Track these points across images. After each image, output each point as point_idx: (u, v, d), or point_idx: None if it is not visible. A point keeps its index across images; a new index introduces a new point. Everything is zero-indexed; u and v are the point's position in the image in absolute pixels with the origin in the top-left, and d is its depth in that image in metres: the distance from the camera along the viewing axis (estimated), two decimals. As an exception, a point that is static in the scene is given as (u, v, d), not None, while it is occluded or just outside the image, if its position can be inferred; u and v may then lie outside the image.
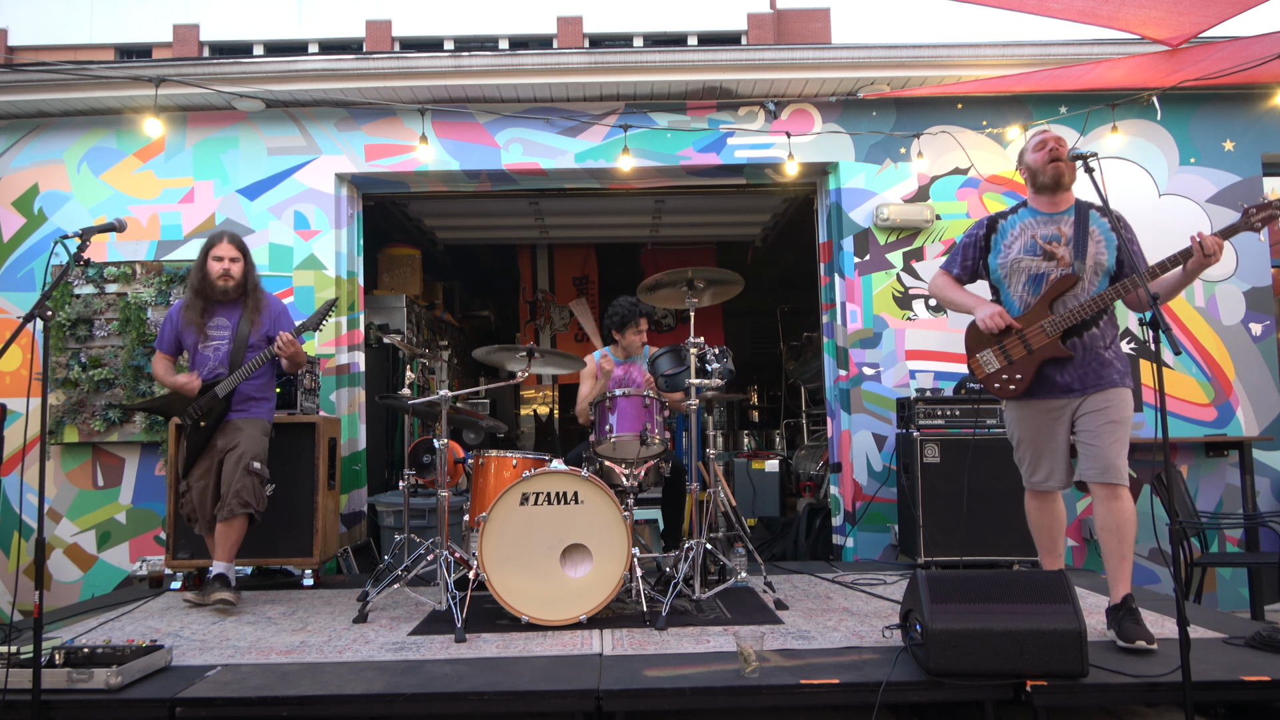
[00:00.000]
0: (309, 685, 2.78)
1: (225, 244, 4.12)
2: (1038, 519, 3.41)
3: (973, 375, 3.37)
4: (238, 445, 4.00)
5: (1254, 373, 5.41)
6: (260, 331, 4.14)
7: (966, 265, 3.45)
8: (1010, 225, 3.35)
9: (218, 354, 4.10)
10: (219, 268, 4.09)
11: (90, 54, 15.53)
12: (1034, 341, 3.19)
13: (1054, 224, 3.27)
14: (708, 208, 7.93)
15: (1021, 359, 3.21)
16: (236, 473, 3.95)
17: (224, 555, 3.99)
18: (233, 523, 3.95)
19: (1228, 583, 5.22)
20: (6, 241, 5.52)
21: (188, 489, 4.07)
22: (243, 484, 3.94)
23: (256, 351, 4.07)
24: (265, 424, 4.17)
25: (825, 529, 5.80)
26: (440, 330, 9.02)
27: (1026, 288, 3.26)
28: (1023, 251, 3.27)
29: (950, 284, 3.48)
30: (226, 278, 4.09)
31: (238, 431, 4.04)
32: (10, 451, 5.23)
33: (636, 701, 2.70)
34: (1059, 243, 3.23)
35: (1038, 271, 3.24)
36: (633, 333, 4.85)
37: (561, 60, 5.38)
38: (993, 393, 3.31)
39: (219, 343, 4.11)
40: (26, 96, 5.37)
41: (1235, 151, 5.54)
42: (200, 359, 4.11)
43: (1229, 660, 2.90)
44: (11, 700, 2.58)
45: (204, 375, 4.05)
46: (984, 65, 5.31)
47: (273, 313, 4.22)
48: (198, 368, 4.10)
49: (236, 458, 3.98)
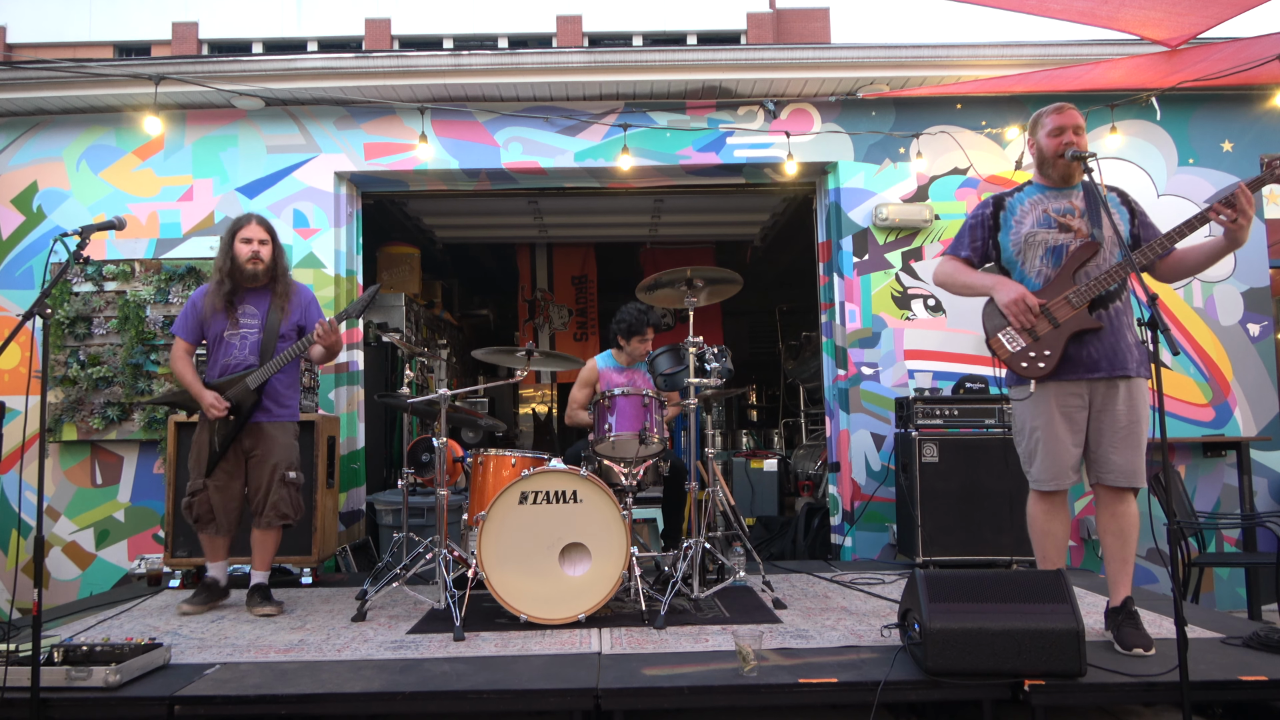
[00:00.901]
0: (308, 683, 2.78)
1: (254, 225, 3.91)
2: (1045, 524, 3.19)
3: (994, 354, 3.15)
4: (271, 454, 3.88)
5: (1252, 373, 5.41)
6: (290, 320, 3.95)
7: (976, 247, 3.28)
8: (1019, 202, 3.23)
9: (245, 343, 3.88)
10: (248, 250, 3.87)
11: (89, 52, 15.49)
12: (1060, 314, 3.04)
13: (1065, 198, 3.17)
14: (707, 207, 7.93)
15: (1048, 334, 3.04)
16: (273, 484, 3.86)
17: (263, 565, 3.94)
18: (270, 533, 3.92)
19: (1225, 583, 5.23)
20: (5, 239, 5.51)
21: (203, 488, 3.86)
22: (279, 496, 3.86)
23: (288, 342, 3.90)
24: (295, 427, 4.04)
25: (824, 528, 5.80)
26: (439, 329, 9.02)
27: (1045, 260, 3.13)
28: (1036, 225, 3.15)
29: (961, 268, 3.28)
30: (256, 260, 3.88)
31: (269, 439, 3.89)
32: (9, 449, 5.23)
33: (635, 700, 2.70)
34: (1073, 215, 3.13)
35: (1055, 243, 3.12)
36: (639, 341, 4.84)
37: (561, 59, 5.38)
38: (1019, 373, 3.10)
39: (247, 331, 3.89)
40: (26, 94, 5.36)
41: (1234, 152, 5.54)
42: (226, 348, 3.89)
43: (1226, 660, 2.90)
44: (10, 698, 2.57)
45: (232, 365, 3.87)
46: (983, 65, 5.31)
47: (303, 300, 4.03)
48: (223, 357, 3.89)
49: (270, 467, 3.87)
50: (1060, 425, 3.10)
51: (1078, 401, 3.10)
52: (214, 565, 4.01)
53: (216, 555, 4.00)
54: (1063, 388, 3.10)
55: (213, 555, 4.00)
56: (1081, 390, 3.09)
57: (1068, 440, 3.10)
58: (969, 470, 4.75)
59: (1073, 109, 3.19)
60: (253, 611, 3.85)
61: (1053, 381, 3.09)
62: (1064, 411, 3.10)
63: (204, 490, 3.86)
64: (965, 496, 4.72)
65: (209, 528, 3.91)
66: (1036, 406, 3.14)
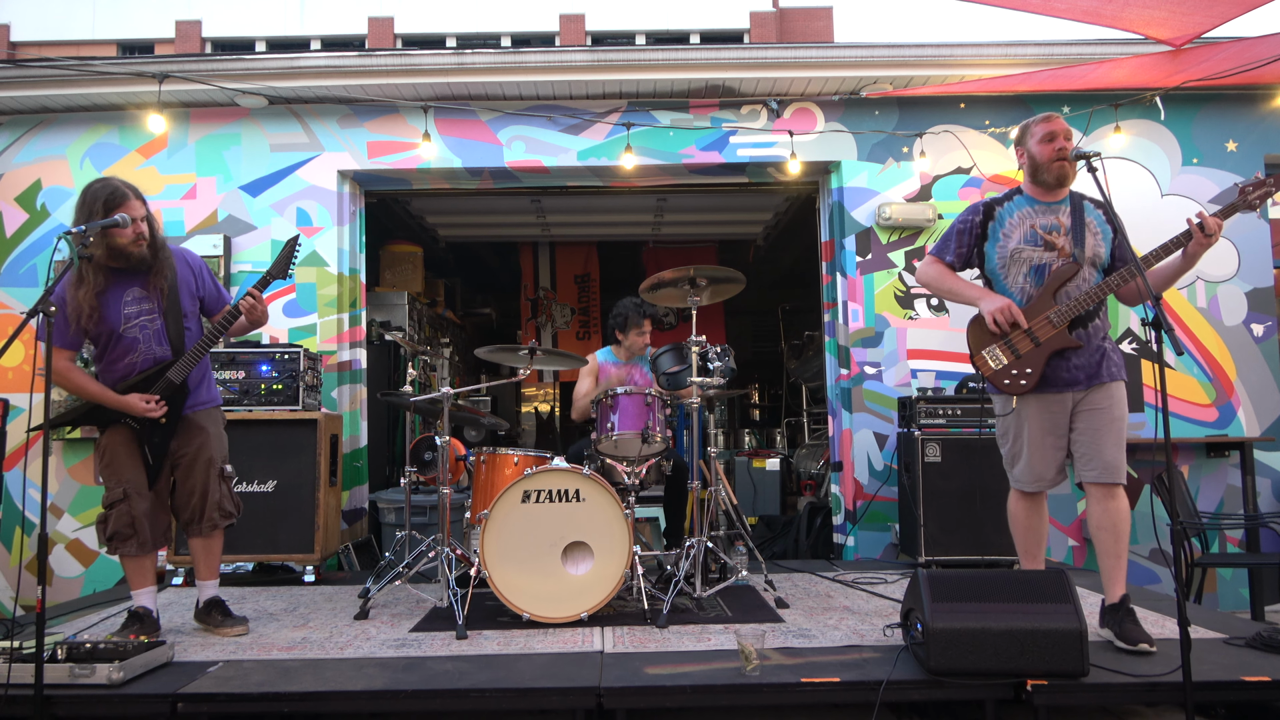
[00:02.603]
0: (311, 681, 2.78)
1: (133, 201, 3.20)
2: (1026, 520, 3.32)
3: (978, 374, 3.27)
4: (206, 448, 3.40)
5: (1255, 373, 5.40)
6: (188, 293, 3.39)
7: (961, 252, 3.32)
8: (1008, 213, 3.26)
9: (147, 333, 3.28)
10: (130, 232, 3.18)
11: (93, 50, 15.49)
12: (1041, 334, 3.11)
13: (1052, 213, 3.21)
14: (710, 206, 7.92)
15: (1029, 353, 3.13)
16: (211, 481, 3.41)
17: (213, 573, 3.53)
18: (215, 536, 3.48)
19: (1228, 583, 5.22)
20: (9, 237, 5.52)
21: (123, 498, 3.29)
22: (221, 494, 3.45)
23: (192, 320, 3.39)
24: (220, 413, 3.56)
25: (826, 528, 5.80)
26: (442, 327, 9.02)
27: (1028, 279, 3.19)
28: (1023, 241, 3.20)
29: (946, 273, 3.34)
30: (140, 241, 3.23)
31: (201, 433, 3.41)
32: (13, 447, 5.23)
33: (637, 699, 2.70)
34: (1059, 233, 3.18)
35: (1039, 262, 3.18)
36: (636, 334, 4.86)
37: (564, 58, 5.38)
38: (1002, 390, 3.20)
39: (144, 320, 3.28)
40: (29, 92, 5.37)
41: (1238, 152, 5.53)
42: (127, 344, 3.27)
43: (1229, 660, 2.90)
44: (14, 695, 2.58)
45: (140, 362, 3.29)
46: (987, 65, 5.31)
47: (191, 266, 3.45)
48: (126, 355, 3.28)
49: (206, 463, 3.40)
50: (1041, 435, 3.20)
51: (1058, 409, 3.18)
52: (141, 592, 3.36)
53: (144, 579, 3.37)
54: (1043, 400, 3.19)
55: (139, 580, 3.36)
56: (1062, 400, 3.18)
57: (1049, 447, 3.21)
58: (972, 470, 4.75)
59: (1060, 118, 3.25)
60: (217, 632, 3.43)
61: (1033, 396, 3.19)
62: (1046, 422, 3.21)
63: (124, 500, 3.29)
64: (968, 496, 4.72)
65: (128, 544, 3.29)
66: (1019, 419, 3.25)
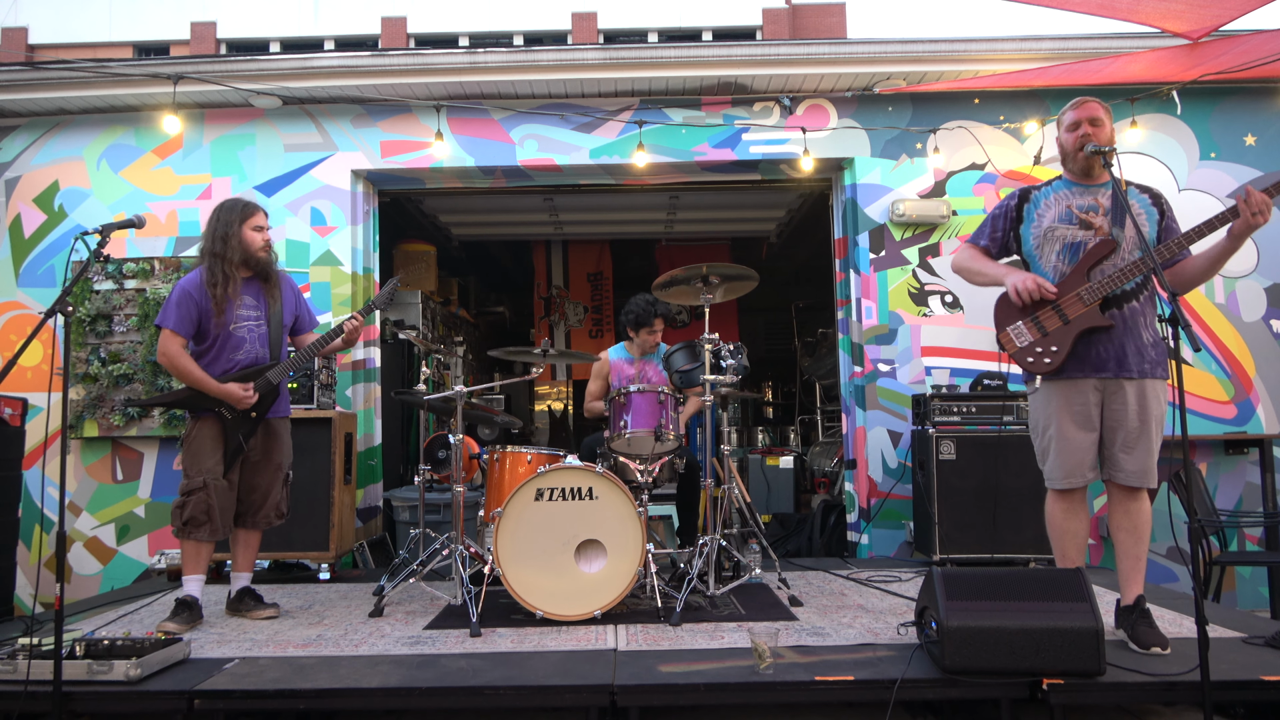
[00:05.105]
0: (326, 678, 2.80)
1: (262, 214, 3.75)
2: (1063, 523, 3.14)
3: (1002, 349, 3.11)
4: (278, 452, 3.78)
5: (1275, 370, 5.34)
6: (288, 310, 3.81)
7: (996, 237, 3.27)
8: (1044, 195, 3.21)
9: (252, 335, 3.68)
10: (260, 238, 3.69)
11: (108, 52, 15.65)
12: (1070, 311, 3.00)
13: (1090, 195, 3.13)
14: (722, 203, 7.91)
15: (1057, 330, 3.01)
16: (277, 483, 3.77)
17: (249, 566, 3.82)
18: (258, 533, 3.81)
19: (1247, 581, 5.17)
20: (28, 238, 5.57)
21: (202, 486, 3.53)
22: (281, 495, 3.80)
23: (287, 332, 3.82)
24: (290, 424, 3.94)
25: (840, 526, 5.78)
26: (455, 326, 9.05)
27: (1062, 256, 3.10)
28: (1057, 220, 3.13)
29: (977, 255, 3.29)
30: (267, 247, 3.73)
31: (278, 438, 3.79)
32: (31, 445, 5.28)
33: (651, 697, 2.70)
34: (1096, 213, 3.09)
35: (1074, 240, 3.09)
36: (648, 332, 4.86)
37: (576, 56, 5.38)
38: (1025, 368, 3.08)
39: (252, 324, 3.68)
40: (47, 94, 5.42)
41: (1257, 146, 5.47)
42: (235, 342, 3.63)
43: (1248, 659, 2.88)
44: (34, 691, 2.61)
45: (242, 360, 3.64)
46: (1001, 60, 5.27)
47: (294, 289, 3.92)
48: (232, 352, 3.64)
49: (276, 466, 3.77)
50: (1071, 423, 3.06)
51: (1090, 398, 3.05)
52: (192, 580, 3.61)
53: (199, 566, 3.62)
54: (1071, 385, 3.06)
55: (195, 566, 3.61)
56: (1093, 387, 3.05)
57: (1080, 438, 3.06)
58: (987, 468, 4.72)
59: (1092, 101, 3.15)
60: (249, 616, 3.70)
61: (1060, 379, 3.06)
62: (1075, 409, 3.06)
63: (203, 489, 3.53)
64: (983, 494, 4.69)
65: (202, 530, 3.53)
66: (1047, 404, 3.12)
